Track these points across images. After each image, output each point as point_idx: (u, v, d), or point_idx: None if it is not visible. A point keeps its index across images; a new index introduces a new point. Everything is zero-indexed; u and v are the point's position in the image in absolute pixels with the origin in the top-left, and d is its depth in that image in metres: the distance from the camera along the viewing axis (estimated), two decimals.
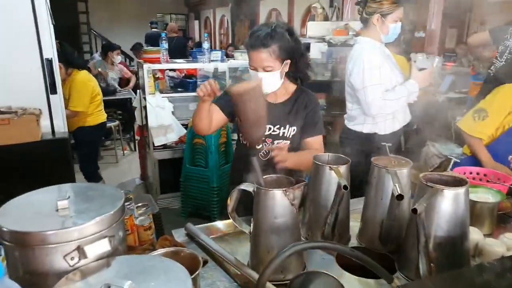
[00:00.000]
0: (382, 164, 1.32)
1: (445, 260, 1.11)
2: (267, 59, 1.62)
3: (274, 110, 1.75)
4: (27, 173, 1.87)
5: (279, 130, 1.77)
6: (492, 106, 1.87)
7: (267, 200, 1.13)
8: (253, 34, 1.64)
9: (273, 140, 1.78)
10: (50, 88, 2.10)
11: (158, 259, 0.90)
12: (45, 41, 2.13)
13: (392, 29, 2.18)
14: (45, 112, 2.15)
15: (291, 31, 1.68)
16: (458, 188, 1.09)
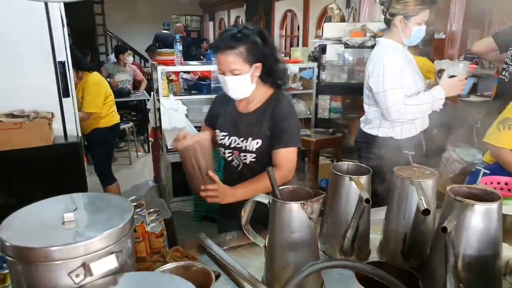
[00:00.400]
0: (406, 175, 1.25)
1: (475, 281, 1.03)
2: (234, 61, 1.52)
3: (241, 121, 1.68)
4: (39, 177, 1.85)
5: (243, 143, 1.66)
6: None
7: (283, 213, 1.07)
8: (220, 36, 1.57)
9: (239, 153, 1.69)
10: (62, 91, 2.08)
11: (167, 277, 0.85)
12: (58, 44, 2.11)
13: (415, 32, 2.10)
14: (58, 116, 2.13)
15: (262, 33, 1.58)
16: (490, 204, 1.01)
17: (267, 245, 1.13)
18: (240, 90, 1.59)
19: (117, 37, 11.29)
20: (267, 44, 1.58)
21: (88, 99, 3.29)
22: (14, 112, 1.98)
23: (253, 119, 1.66)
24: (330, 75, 4.55)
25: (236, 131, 1.69)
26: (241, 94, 1.61)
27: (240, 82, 1.56)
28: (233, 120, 1.70)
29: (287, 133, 1.59)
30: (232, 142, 1.69)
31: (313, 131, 4.03)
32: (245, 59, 1.53)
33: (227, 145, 1.70)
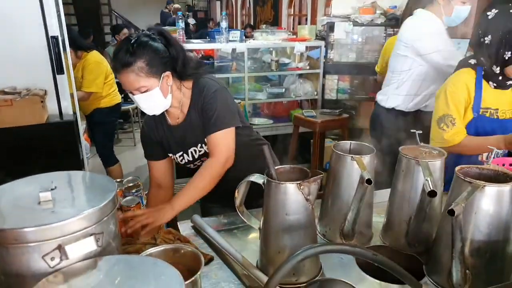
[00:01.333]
0: (412, 155, 1.17)
1: (483, 268, 0.97)
2: (136, 79, 1.32)
3: (183, 132, 1.51)
4: (32, 157, 1.80)
5: (203, 148, 1.52)
6: (451, 107, 1.65)
7: (278, 194, 1.00)
8: (114, 56, 1.35)
9: (208, 157, 1.52)
10: (56, 68, 2.01)
11: (150, 261, 0.79)
12: (50, 18, 2.02)
13: (457, 11, 1.99)
14: (52, 94, 2.07)
15: (163, 35, 1.40)
16: (502, 185, 0.94)
17: (262, 228, 1.07)
18: (156, 106, 1.41)
19: (122, 16, 11.14)
20: (171, 45, 1.39)
21: (88, 78, 3.23)
22: (6, 89, 1.92)
23: (192, 121, 1.49)
24: (338, 54, 4.40)
25: (187, 144, 1.53)
26: (159, 109, 1.43)
27: (152, 99, 1.37)
28: (175, 136, 1.53)
29: (215, 115, 1.43)
30: (195, 154, 1.54)
31: (319, 112, 3.93)
32: (148, 73, 1.33)
33: (192, 159, 1.56)
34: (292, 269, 0.99)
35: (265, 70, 4.37)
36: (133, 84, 1.33)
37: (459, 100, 1.65)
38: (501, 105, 1.67)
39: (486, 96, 1.65)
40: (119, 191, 1.80)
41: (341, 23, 4.18)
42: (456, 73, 1.72)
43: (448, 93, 1.66)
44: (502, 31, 1.51)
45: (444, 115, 1.66)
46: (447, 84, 1.69)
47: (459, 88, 1.65)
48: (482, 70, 1.64)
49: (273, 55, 4.43)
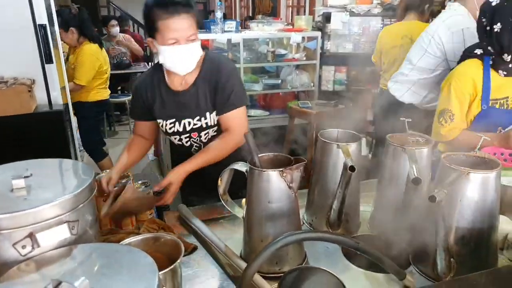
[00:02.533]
0: (399, 142, 1.15)
1: (468, 256, 0.95)
2: (192, 26, 1.31)
3: (185, 99, 1.46)
4: (20, 146, 1.78)
5: (200, 121, 1.48)
6: (453, 102, 1.61)
7: (261, 182, 0.99)
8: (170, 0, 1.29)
9: (199, 133, 1.51)
10: (45, 57, 1.98)
11: (125, 249, 0.77)
12: (38, 6, 1.99)
13: None
14: (41, 83, 2.04)
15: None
16: (488, 172, 0.92)
17: (245, 216, 1.05)
18: (193, 61, 1.37)
19: (121, 8, 11.04)
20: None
21: (80, 70, 3.19)
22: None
23: (199, 92, 1.45)
24: (335, 45, 4.36)
25: (184, 113, 1.48)
26: (192, 66, 1.38)
27: (194, 51, 1.35)
28: (174, 102, 1.47)
29: (233, 93, 1.43)
30: (187, 126, 1.49)
31: (314, 102, 3.91)
32: (196, 23, 1.34)
33: (182, 131, 1.51)
34: (273, 257, 0.99)
35: (262, 61, 4.33)
36: (188, 30, 1.31)
37: (463, 95, 1.60)
38: (510, 94, 1.63)
39: (494, 86, 1.60)
40: None
41: (337, 13, 4.13)
42: (461, 65, 1.66)
43: (453, 88, 1.61)
44: (510, 18, 1.47)
45: (445, 109, 1.63)
46: (452, 78, 1.64)
47: (465, 82, 1.60)
48: (490, 60, 1.60)
49: (269, 45, 4.39)
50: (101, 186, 1.32)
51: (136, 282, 0.66)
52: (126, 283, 0.66)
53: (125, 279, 0.67)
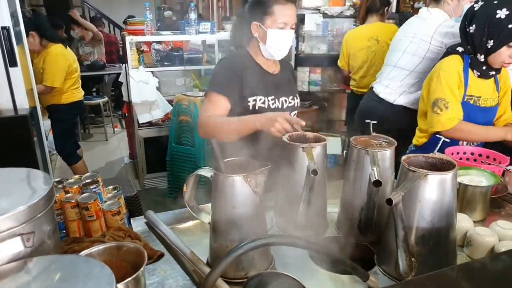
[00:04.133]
0: (363, 145, 1.17)
1: (428, 255, 0.98)
2: (296, 15, 1.51)
3: (281, 80, 1.64)
4: None
5: (294, 101, 1.66)
6: (445, 90, 1.67)
7: (225, 187, 0.98)
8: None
9: (290, 113, 1.64)
10: (9, 60, 1.92)
11: (83, 260, 0.76)
12: (1, 8, 1.93)
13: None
14: (5, 87, 1.97)
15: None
16: (444, 173, 0.95)
17: (211, 222, 1.05)
18: (289, 46, 1.56)
19: (96, 8, 10.81)
20: None
21: (49, 72, 3.10)
22: None
23: (289, 76, 1.70)
24: (309, 46, 4.40)
25: (282, 92, 1.61)
26: (288, 50, 1.56)
27: (293, 38, 1.56)
28: (273, 82, 1.60)
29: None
30: (284, 103, 1.61)
31: None
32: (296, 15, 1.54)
33: (281, 108, 1.61)
34: (239, 262, 0.99)
35: None
36: (294, 18, 1.51)
37: (453, 84, 1.68)
38: (484, 94, 1.71)
39: (472, 84, 1.69)
40: (77, 188, 1.75)
41: (311, 15, 4.17)
42: (446, 59, 1.75)
43: (442, 77, 1.69)
44: (485, 20, 1.56)
45: (438, 98, 1.68)
46: (440, 69, 1.71)
47: (452, 73, 1.68)
48: (469, 58, 1.68)
49: None
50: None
51: None
52: None
53: None
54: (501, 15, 1.52)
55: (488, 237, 1.10)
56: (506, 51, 1.56)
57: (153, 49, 3.88)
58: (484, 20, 1.56)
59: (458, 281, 0.75)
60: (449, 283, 0.74)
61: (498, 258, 0.88)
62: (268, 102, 1.57)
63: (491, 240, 1.09)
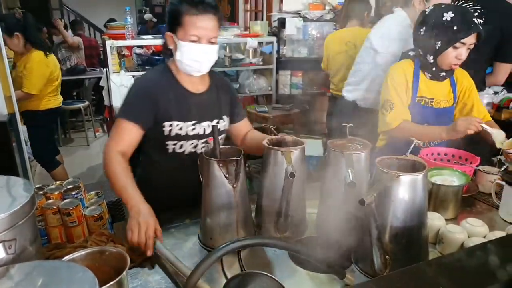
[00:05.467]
0: (339, 147, 1.21)
1: (402, 252, 1.02)
2: (216, 28, 1.33)
3: (206, 101, 1.47)
4: None
5: (219, 124, 1.48)
6: (391, 92, 1.75)
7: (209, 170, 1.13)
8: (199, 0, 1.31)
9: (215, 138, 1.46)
10: None
11: (65, 265, 0.78)
12: None
13: None
14: None
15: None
16: (416, 174, 0.99)
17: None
18: (210, 63, 1.39)
19: (75, 12, 10.66)
20: None
21: (30, 78, 3.05)
22: None
23: (219, 95, 1.51)
24: (290, 50, 4.47)
25: (205, 115, 1.45)
26: (207, 68, 1.40)
27: (213, 53, 1.37)
28: (194, 103, 1.44)
29: (239, 104, 1.63)
30: (207, 128, 1.46)
31: (271, 107, 3.98)
32: (219, 27, 1.37)
33: (203, 134, 1.46)
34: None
35: (219, 66, 4.35)
36: (212, 31, 1.33)
37: (399, 85, 1.76)
38: (437, 95, 1.78)
39: (423, 86, 1.76)
40: (58, 194, 1.74)
41: (292, 19, 4.24)
42: (397, 64, 1.84)
43: (389, 80, 1.78)
44: (433, 22, 1.63)
45: (385, 100, 1.77)
46: (389, 73, 1.81)
47: (398, 74, 1.77)
48: (419, 62, 1.76)
49: (226, 50, 4.42)
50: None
51: None
52: None
53: None
54: (447, 17, 1.59)
55: (458, 234, 1.15)
56: (452, 52, 1.62)
57: (134, 53, 3.88)
58: (432, 22, 1.63)
59: (429, 275, 0.79)
60: (420, 277, 0.78)
61: (465, 252, 0.93)
62: (187, 128, 1.42)
63: (461, 237, 1.15)
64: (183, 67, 1.38)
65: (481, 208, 1.46)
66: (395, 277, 0.80)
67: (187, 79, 1.43)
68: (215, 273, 1.07)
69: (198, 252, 1.18)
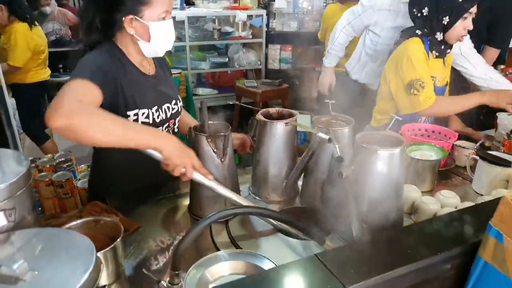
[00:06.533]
0: (324, 124, 1.27)
1: (378, 221, 1.10)
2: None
3: (161, 83, 1.37)
4: None
5: (177, 105, 1.40)
6: (418, 71, 1.73)
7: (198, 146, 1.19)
8: None
9: (175, 120, 1.41)
10: None
11: (64, 232, 0.83)
12: None
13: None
14: None
15: None
16: (393, 149, 1.06)
17: None
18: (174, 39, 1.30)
19: None
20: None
21: (15, 51, 3.01)
22: None
23: (166, 75, 1.43)
24: (280, 24, 4.45)
25: (163, 97, 1.35)
26: (172, 44, 1.30)
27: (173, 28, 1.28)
28: (152, 87, 1.32)
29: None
30: (168, 111, 1.35)
31: (260, 82, 4.00)
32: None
33: (165, 118, 1.34)
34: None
35: (208, 39, 4.32)
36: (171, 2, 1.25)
37: (424, 64, 1.75)
38: (438, 74, 1.83)
39: (431, 65, 1.78)
40: (51, 167, 1.79)
41: None
42: (410, 43, 1.78)
43: (413, 59, 1.73)
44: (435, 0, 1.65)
45: (413, 80, 1.73)
46: (409, 51, 1.75)
47: (420, 54, 1.75)
48: (428, 40, 1.77)
49: (215, 23, 4.38)
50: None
51: (75, 262, 0.72)
52: (65, 263, 0.72)
53: (64, 259, 0.73)
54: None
55: (432, 205, 1.23)
56: (461, 24, 1.67)
57: None
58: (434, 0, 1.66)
59: (400, 240, 0.86)
60: (392, 242, 0.85)
61: (434, 220, 1.01)
62: (153, 116, 1.28)
63: (434, 208, 1.23)
64: (155, 48, 1.25)
65: (457, 181, 1.54)
66: (371, 241, 0.88)
67: (138, 61, 1.30)
68: (205, 241, 1.13)
69: (188, 221, 1.25)
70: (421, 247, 0.80)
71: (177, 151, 1.02)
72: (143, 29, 1.20)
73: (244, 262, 0.95)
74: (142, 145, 1.01)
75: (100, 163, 1.44)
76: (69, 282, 0.66)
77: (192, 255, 1.03)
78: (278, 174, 1.32)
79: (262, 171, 1.34)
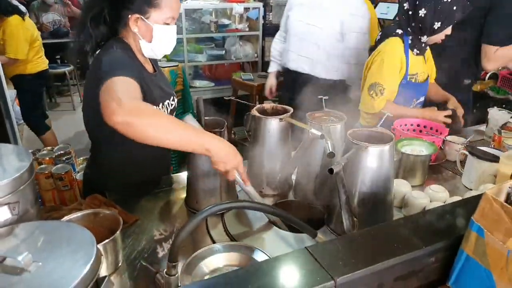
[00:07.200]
0: (317, 120, 1.30)
1: (368, 215, 1.14)
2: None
3: (161, 80, 1.43)
4: None
5: (174, 101, 1.46)
6: (383, 76, 1.78)
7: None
8: None
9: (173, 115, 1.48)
10: None
11: (65, 225, 0.86)
12: None
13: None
14: None
15: None
16: (383, 145, 1.09)
17: None
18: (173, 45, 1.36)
19: None
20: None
21: (12, 43, 3.03)
22: None
23: (159, 74, 1.46)
24: (277, 16, 4.45)
25: (164, 94, 1.40)
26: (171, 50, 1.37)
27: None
28: (156, 85, 1.37)
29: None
30: (168, 107, 1.42)
31: (256, 75, 4.01)
32: None
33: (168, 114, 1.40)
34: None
35: (205, 32, 4.32)
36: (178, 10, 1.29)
37: (394, 70, 1.79)
38: (419, 69, 1.87)
39: (411, 63, 1.82)
40: (50, 159, 1.81)
41: None
42: (389, 42, 1.82)
43: (385, 64, 1.78)
44: (434, 4, 1.67)
45: (376, 83, 1.79)
46: (384, 54, 1.80)
47: (396, 58, 1.79)
48: (409, 40, 1.80)
49: (212, 16, 4.38)
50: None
51: (76, 253, 0.76)
52: (67, 255, 0.75)
53: (66, 251, 0.76)
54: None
55: (421, 199, 1.27)
56: (447, 30, 1.73)
57: None
58: (433, 4, 1.68)
59: (389, 233, 0.90)
60: (381, 235, 0.89)
61: (423, 214, 1.05)
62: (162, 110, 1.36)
63: (424, 202, 1.27)
64: (155, 51, 1.29)
65: (447, 175, 1.58)
66: (360, 234, 0.92)
67: (143, 59, 1.35)
68: (201, 233, 1.17)
69: (184, 214, 1.29)
70: (407, 241, 0.84)
71: (224, 154, 1.05)
72: (146, 29, 1.24)
73: (238, 254, 0.99)
74: (197, 148, 1.04)
75: (98, 157, 1.47)
76: (71, 273, 0.70)
77: (189, 247, 1.07)
78: (273, 168, 1.36)
79: (257, 166, 1.38)
